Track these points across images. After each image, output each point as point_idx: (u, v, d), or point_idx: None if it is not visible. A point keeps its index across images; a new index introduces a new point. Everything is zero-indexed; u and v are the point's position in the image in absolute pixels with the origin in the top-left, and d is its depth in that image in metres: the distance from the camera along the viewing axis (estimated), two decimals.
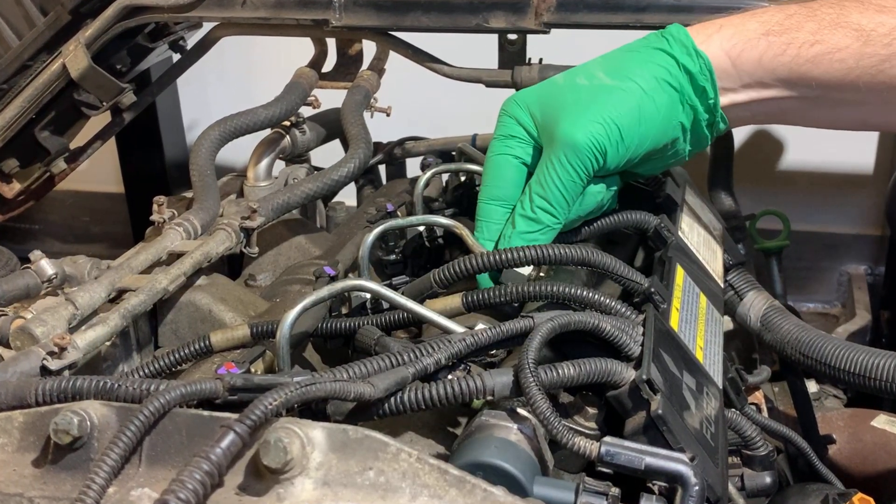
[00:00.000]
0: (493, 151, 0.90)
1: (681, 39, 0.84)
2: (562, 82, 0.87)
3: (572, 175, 0.84)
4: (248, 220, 1.05)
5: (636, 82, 0.84)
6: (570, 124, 0.83)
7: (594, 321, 0.73)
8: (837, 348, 0.97)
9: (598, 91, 0.84)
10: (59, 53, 1.34)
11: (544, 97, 0.88)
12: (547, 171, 0.85)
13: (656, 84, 0.84)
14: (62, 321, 0.85)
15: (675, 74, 0.84)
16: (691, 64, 0.83)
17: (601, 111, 0.83)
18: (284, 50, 1.58)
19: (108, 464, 0.60)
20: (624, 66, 0.85)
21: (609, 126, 0.83)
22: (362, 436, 0.61)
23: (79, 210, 2.49)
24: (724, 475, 0.73)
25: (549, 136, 0.86)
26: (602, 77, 0.85)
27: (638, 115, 0.84)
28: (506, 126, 0.89)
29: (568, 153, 0.83)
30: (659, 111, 0.84)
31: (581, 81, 0.85)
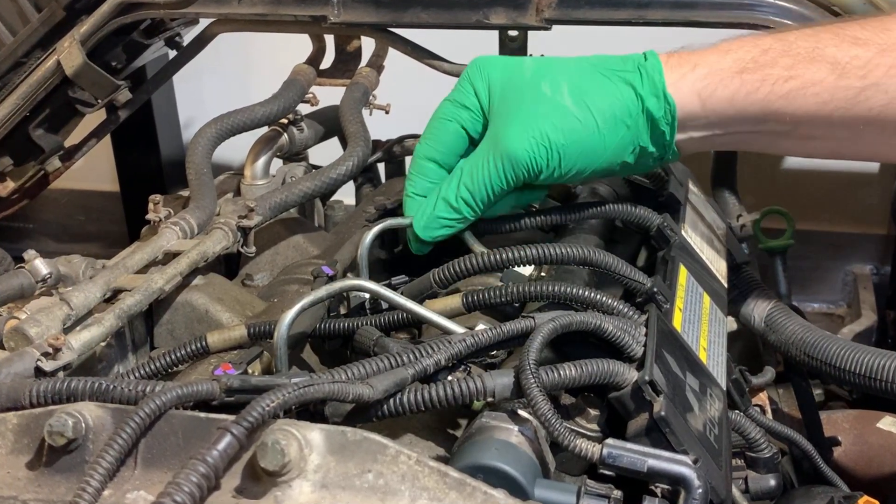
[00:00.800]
0: (444, 114, 0.90)
1: (653, 79, 0.83)
2: (528, 77, 0.87)
3: (502, 181, 0.85)
4: (245, 219, 1.05)
5: (594, 116, 0.84)
6: (516, 134, 0.84)
7: (596, 321, 0.73)
8: (842, 349, 0.97)
9: (555, 111, 0.84)
10: (54, 50, 1.34)
11: (508, 82, 0.88)
12: (480, 168, 0.86)
13: (613, 123, 0.84)
14: (57, 321, 0.85)
15: (635, 116, 0.84)
16: (656, 108, 0.83)
17: (550, 134, 0.83)
18: (282, 46, 1.58)
19: (104, 466, 0.60)
20: (589, 91, 0.84)
21: (552, 152, 0.84)
22: (361, 438, 0.61)
23: (74, 209, 2.49)
24: (727, 478, 0.72)
25: (495, 130, 0.86)
26: (565, 95, 0.84)
27: (584, 149, 0.84)
28: (463, 93, 0.90)
29: (505, 161, 0.84)
30: (607, 150, 0.85)
31: (545, 89, 0.85)
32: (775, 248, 1.65)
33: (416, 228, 0.89)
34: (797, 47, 0.82)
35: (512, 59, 0.90)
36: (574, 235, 0.98)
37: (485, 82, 0.88)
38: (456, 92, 0.90)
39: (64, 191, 2.37)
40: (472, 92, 0.89)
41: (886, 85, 0.81)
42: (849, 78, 0.81)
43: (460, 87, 0.90)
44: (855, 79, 0.81)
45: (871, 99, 0.81)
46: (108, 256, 1.05)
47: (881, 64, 0.81)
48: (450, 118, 0.90)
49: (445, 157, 0.91)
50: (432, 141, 0.91)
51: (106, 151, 2.22)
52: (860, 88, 0.81)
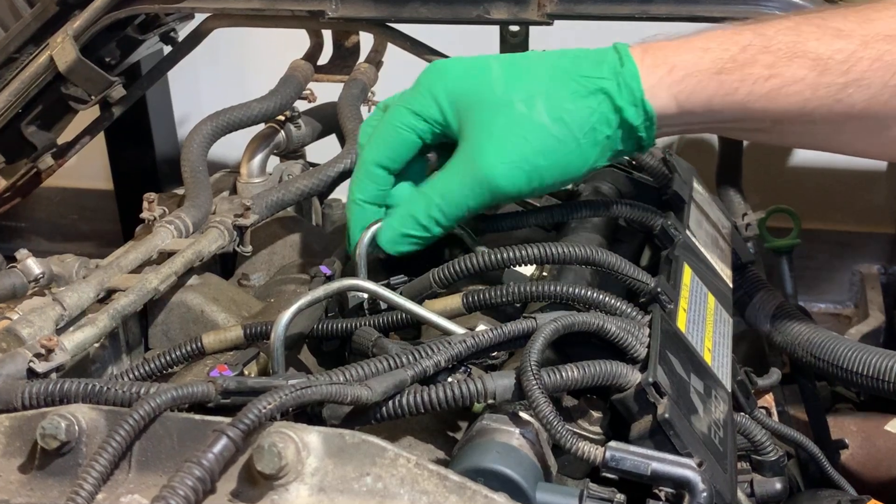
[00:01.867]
0: (399, 122, 0.87)
1: (630, 87, 0.82)
2: (499, 93, 0.84)
3: (479, 203, 0.85)
4: (242, 218, 1.05)
5: (573, 132, 0.82)
6: (495, 158, 0.83)
7: (599, 322, 0.73)
8: (850, 350, 0.97)
9: (533, 131, 0.82)
10: (47, 46, 1.34)
11: (475, 97, 0.85)
12: (456, 191, 0.84)
13: (592, 136, 0.83)
14: (49, 322, 0.85)
15: (613, 127, 0.83)
16: (634, 117, 0.82)
17: (530, 157, 0.82)
18: (279, 42, 1.58)
19: (97, 469, 0.60)
20: (566, 105, 0.83)
21: (533, 174, 0.83)
22: (359, 440, 0.61)
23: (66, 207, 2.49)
24: (732, 481, 0.73)
25: (470, 152, 0.84)
26: (541, 112, 0.82)
27: (564, 165, 0.84)
28: (421, 103, 0.86)
29: (483, 185, 0.83)
30: (587, 163, 0.84)
31: (519, 107, 0.83)
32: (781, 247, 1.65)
33: (381, 242, 0.88)
34: (777, 42, 0.81)
35: (475, 67, 0.86)
36: (576, 234, 0.98)
37: (447, 94, 0.86)
38: (414, 101, 0.87)
39: (57, 189, 2.37)
40: (433, 104, 0.86)
41: (869, 80, 0.80)
42: (831, 74, 0.80)
43: (419, 96, 0.87)
44: (837, 74, 0.80)
45: (853, 95, 0.80)
46: (101, 256, 1.05)
47: (864, 57, 0.80)
48: (405, 128, 0.87)
49: (396, 164, 0.89)
50: (384, 148, 0.88)
51: (99, 149, 2.22)
52: (842, 85, 0.80)
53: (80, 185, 2.43)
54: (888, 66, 0.80)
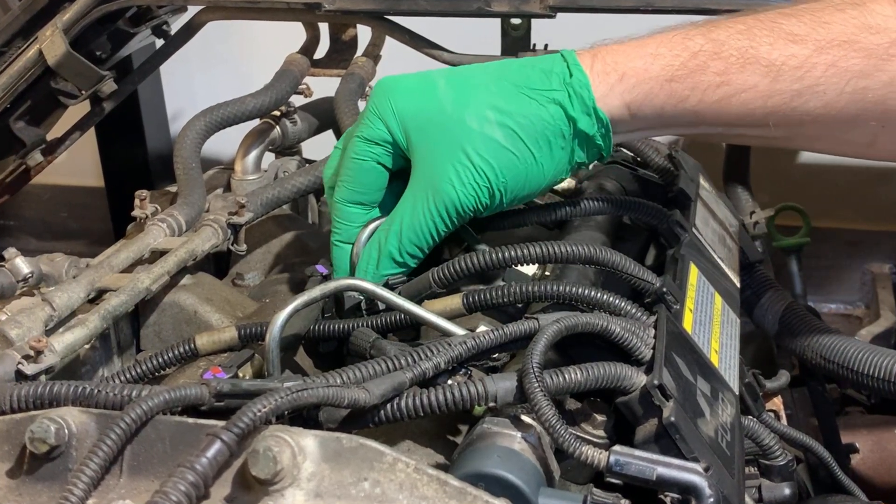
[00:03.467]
0: (356, 153, 0.88)
1: (582, 96, 0.82)
2: (448, 110, 0.84)
3: (447, 226, 0.85)
4: (236, 216, 1.05)
5: (528, 147, 0.83)
6: (454, 178, 0.83)
7: (603, 323, 0.73)
8: (861, 352, 0.97)
9: (488, 147, 0.83)
10: (36, 39, 1.34)
11: (424, 115, 0.85)
12: (422, 218, 0.85)
13: (548, 149, 0.83)
14: (38, 323, 0.85)
15: (568, 137, 0.84)
16: (589, 127, 0.83)
17: (489, 173, 0.83)
18: (274, 35, 1.58)
19: (88, 474, 0.60)
20: (518, 119, 0.83)
21: (494, 189, 0.83)
22: (357, 444, 0.61)
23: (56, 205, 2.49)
24: (740, 486, 0.73)
25: (427, 174, 0.84)
26: (494, 127, 0.83)
27: (523, 179, 0.84)
28: (372, 128, 0.87)
29: (449, 207, 0.84)
30: (546, 175, 0.85)
31: (471, 123, 0.83)
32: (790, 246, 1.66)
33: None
34: (729, 48, 0.81)
35: (421, 83, 0.86)
36: (579, 233, 0.98)
37: (395, 115, 0.86)
38: (364, 127, 0.87)
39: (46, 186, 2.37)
40: (383, 127, 0.86)
41: (824, 86, 0.80)
42: (784, 81, 0.80)
43: (367, 121, 0.87)
44: (791, 81, 0.80)
45: (808, 102, 0.81)
46: (92, 255, 1.05)
47: (818, 63, 0.80)
48: (363, 157, 0.87)
49: (368, 197, 0.89)
50: (351, 184, 0.89)
51: (90, 145, 2.22)
52: (796, 92, 0.80)
53: (70, 183, 2.43)
54: (843, 72, 0.80)
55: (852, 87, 0.80)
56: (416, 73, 0.88)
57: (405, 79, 0.88)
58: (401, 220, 0.86)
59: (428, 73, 0.87)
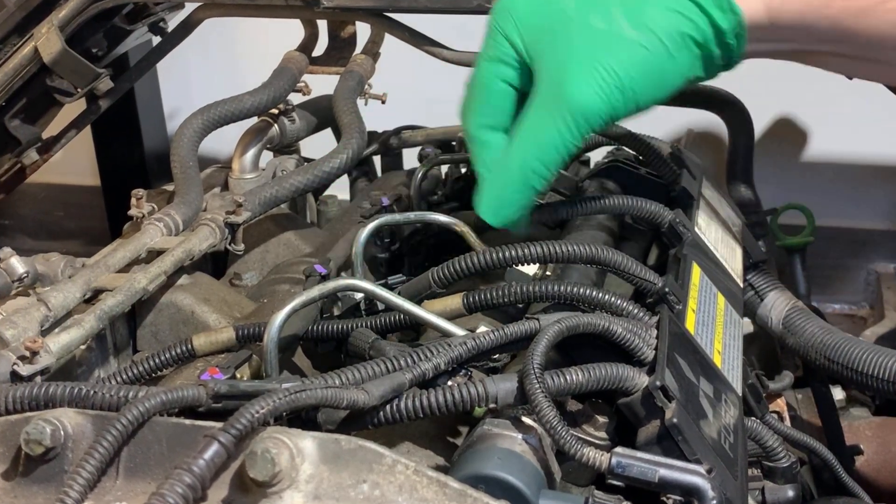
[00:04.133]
0: (485, 76, 0.84)
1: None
2: (571, 12, 0.80)
3: (577, 139, 0.80)
4: (234, 215, 1.05)
5: (660, 38, 0.78)
6: (584, 82, 0.78)
7: (604, 323, 0.73)
8: (865, 352, 0.97)
9: (618, 44, 0.78)
10: (31, 36, 1.34)
11: (547, 25, 0.81)
12: (548, 132, 0.80)
13: (681, 41, 0.79)
14: (34, 323, 0.85)
15: (703, 31, 0.79)
16: (723, 21, 0.78)
17: (620, 73, 0.78)
18: (272, 32, 1.58)
19: (84, 476, 0.60)
20: (647, 12, 0.79)
21: (628, 93, 0.79)
22: (356, 446, 0.61)
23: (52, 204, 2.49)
24: (743, 488, 0.73)
25: (551, 83, 0.80)
26: (621, 22, 0.79)
27: (659, 79, 0.80)
28: (496, 46, 0.83)
29: (577, 117, 0.79)
30: (680, 72, 0.80)
31: (596, 22, 0.79)
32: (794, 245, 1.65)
33: (486, 216, 0.84)
34: None
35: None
36: (581, 232, 0.98)
37: (517, 28, 0.82)
38: (489, 47, 0.84)
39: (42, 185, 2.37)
40: (506, 43, 0.82)
41: None
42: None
43: (493, 40, 0.83)
44: None
45: None
46: (88, 254, 1.05)
47: None
48: (493, 78, 0.84)
49: (500, 119, 0.85)
50: (483, 108, 0.85)
51: (86, 143, 2.22)
52: None
53: (66, 181, 2.43)
54: None
55: None
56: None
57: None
58: (524, 136, 0.81)
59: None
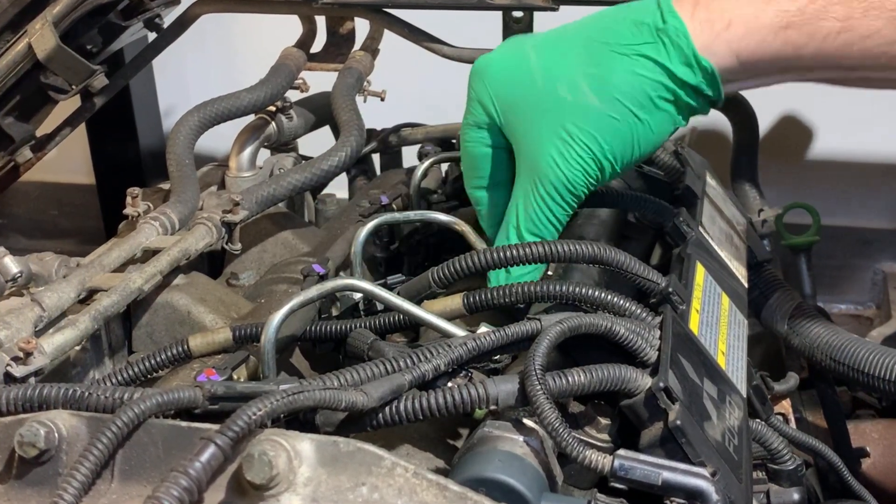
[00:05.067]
0: (468, 141, 0.90)
1: (679, 45, 0.79)
2: (540, 85, 0.83)
3: (566, 209, 0.85)
4: (231, 214, 1.05)
5: (626, 105, 0.81)
6: (559, 159, 0.82)
7: (607, 324, 0.73)
8: (871, 353, 0.97)
9: (586, 115, 0.81)
10: (25, 32, 1.34)
11: (518, 95, 0.84)
12: (537, 209, 0.84)
13: (650, 105, 0.81)
14: (27, 324, 0.85)
15: (671, 90, 0.81)
16: (690, 76, 0.80)
17: (592, 145, 0.81)
18: (269, 28, 1.58)
19: (78, 479, 0.60)
20: (612, 80, 0.80)
21: (602, 160, 0.82)
22: (354, 449, 0.61)
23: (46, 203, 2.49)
24: (748, 491, 0.73)
25: (530, 158, 0.84)
26: (587, 93, 0.81)
27: (632, 143, 0.82)
28: (474, 112, 0.88)
29: (560, 190, 0.83)
30: (654, 133, 0.83)
31: (564, 94, 0.81)
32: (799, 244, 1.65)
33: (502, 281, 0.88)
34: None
35: (512, 59, 0.85)
36: (583, 231, 0.98)
37: (490, 96, 0.86)
38: (468, 113, 0.89)
39: (35, 183, 2.37)
40: (482, 109, 0.87)
41: None
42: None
43: (470, 106, 0.89)
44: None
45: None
46: (82, 254, 1.05)
47: None
48: (475, 143, 0.89)
49: (495, 180, 0.90)
50: (473, 172, 0.91)
51: (81, 141, 2.22)
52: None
53: (61, 180, 2.43)
54: None
55: None
56: (509, 46, 0.87)
57: (497, 57, 0.87)
58: (516, 215, 0.86)
59: (521, 43, 0.86)
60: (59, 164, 2.13)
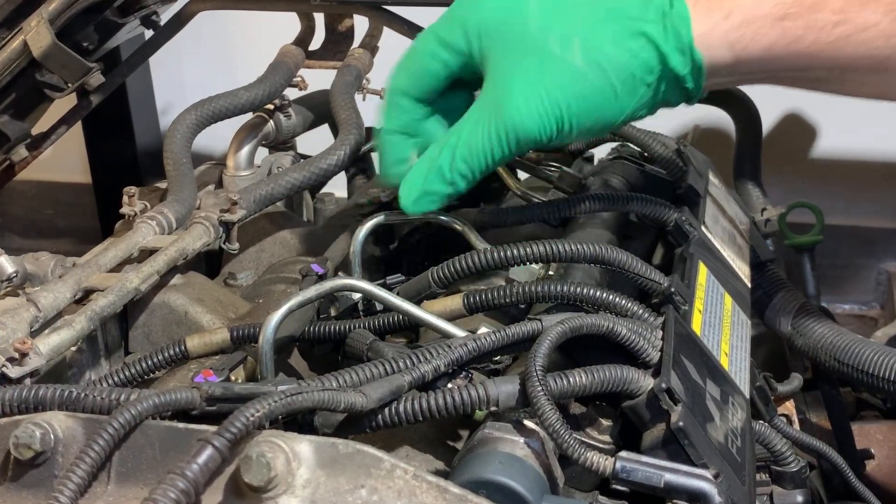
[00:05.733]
0: (425, 51, 0.86)
1: (678, 31, 0.79)
2: (532, 29, 0.81)
3: (506, 152, 0.83)
4: (228, 213, 1.05)
5: (610, 79, 0.80)
6: (524, 102, 0.80)
7: (609, 324, 0.73)
8: (876, 354, 0.97)
9: (566, 74, 0.80)
10: (20, 30, 1.34)
11: (506, 29, 0.82)
12: (480, 139, 0.82)
13: (632, 84, 0.81)
14: (23, 324, 0.85)
15: (656, 75, 0.81)
16: (680, 66, 0.80)
17: (562, 104, 0.80)
18: (267, 26, 1.58)
19: (74, 481, 0.60)
20: (604, 48, 0.80)
21: (563, 121, 0.81)
22: (353, 450, 0.61)
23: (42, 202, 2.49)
24: (751, 493, 0.73)
25: (495, 93, 0.82)
26: (576, 52, 0.80)
27: (598, 116, 0.82)
28: (449, 31, 0.85)
29: (510, 133, 0.81)
30: (623, 112, 0.82)
31: (553, 46, 0.80)
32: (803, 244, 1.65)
33: (405, 203, 0.87)
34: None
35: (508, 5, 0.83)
36: (584, 230, 0.98)
37: (477, 25, 0.84)
38: (442, 28, 0.86)
39: (31, 182, 2.37)
40: (461, 34, 0.84)
41: None
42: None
43: (448, 24, 0.85)
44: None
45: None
46: (79, 253, 1.05)
47: None
48: (429, 56, 0.86)
49: (423, 94, 0.88)
50: (408, 76, 0.87)
51: (77, 140, 2.22)
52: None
53: (56, 179, 2.43)
54: None
55: None
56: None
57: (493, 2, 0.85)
58: (458, 136, 0.84)
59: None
60: (54, 162, 2.12)
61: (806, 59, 0.80)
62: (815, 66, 0.82)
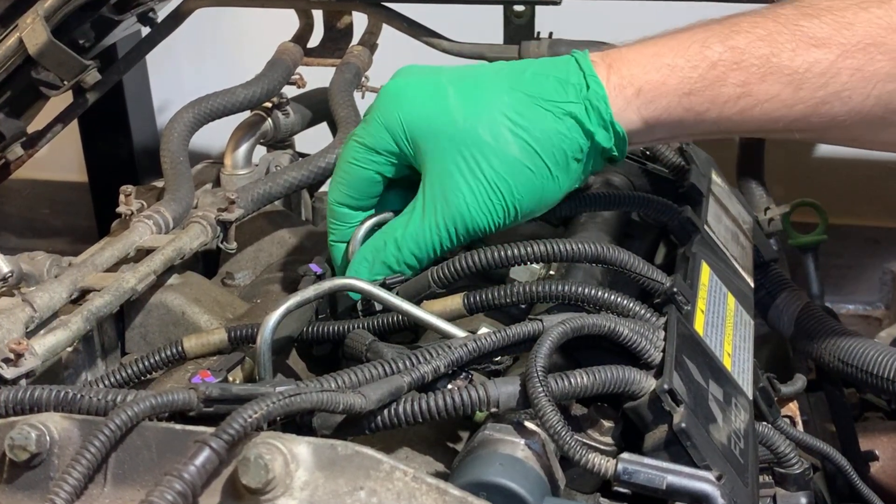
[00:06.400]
0: (354, 159, 0.88)
1: (599, 110, 0.82)
2: (461, 123, 0.84)
3: (454, 244, 0.85)
4: (226, 213, 1.05)
5: (545, 162, 0.83)
6: (472, 195, 0.83)
7: (610, 325, 0.73)
8: (880, 355, 0.97)
9: (504, 163, 0.83)
10: (16, 27, 1.34)
11: (434, 128, 0.85)
12: (428, 233, 0.85)
13: (565, 164, 0.84)
14: (18, 324, 0.85)
15: (585, 152, 0.84)
16: (606, 140, 0.83)
17: (505, 192, 0.83)
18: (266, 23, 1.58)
19: (70, 483, 0.60)
20: (535, 132, 0.83)
21: (508, 208, 0.84)
22: (352, 452, 0.61)
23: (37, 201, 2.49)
24: (754, 495, 0.73)
25: (438, 190, 0.84)
26: (510, 142, 0.83)
27: (540, 196, 0.84)
28: (375, 136, 0.87)
29: (459, 226, 0.84)
30: (561, 189, 0.85)
31: (485, 136, 0.83)
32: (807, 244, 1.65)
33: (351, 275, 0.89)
34: (749, 57, 0.81)
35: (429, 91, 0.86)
36: (586, 230, 0.98)
37: (402, 126, 0.86)
38: (367, 135, 0.87)
39: (27, 181, 2.37)
40: (388, 137, 0.86)
41: (850, 92, 0.80)
42: (807, 89, 0.80)
43: (371, 130, 0.87)
44: (814, 89, 0.80)
45: (833, 108, 0.81)
46: (74, 253, 1.05)
47: (843, 69, 0.79)
48: (362, 164, 0.88)
49: (362, 202, 0.91)
50: (345, 188, 0.90)
51: (73, 138, 2.22)
52: (820, 99, 0.80)
53: (52, 177, 2.43)
54: (869, 76, 0.79)
55: (879, 90, 0.80)
56: (423, 76, 0.87)
57: (412, 86, 0.87)
58: (404, 229, 0.86)
59: (435, 76, 0.87)
60: (50, 161, 2.13)
61: (713, 126, 0.84)
62: (723, 132, 0.86)
